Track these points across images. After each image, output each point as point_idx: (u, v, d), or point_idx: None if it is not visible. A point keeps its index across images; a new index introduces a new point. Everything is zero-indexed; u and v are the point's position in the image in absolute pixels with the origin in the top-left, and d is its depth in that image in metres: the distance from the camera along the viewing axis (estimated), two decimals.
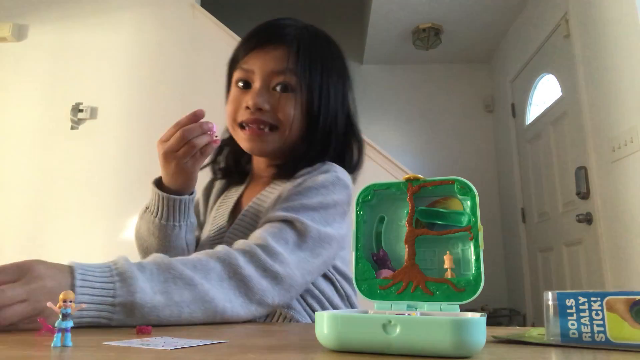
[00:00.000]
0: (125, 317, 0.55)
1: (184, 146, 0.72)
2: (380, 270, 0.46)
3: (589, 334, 0.37)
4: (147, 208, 0.82)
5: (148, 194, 0.84)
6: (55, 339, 0.38)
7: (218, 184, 1.01)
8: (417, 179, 0.46)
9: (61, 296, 0.39)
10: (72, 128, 2.98)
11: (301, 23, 0.91)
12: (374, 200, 0.48)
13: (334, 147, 0.89)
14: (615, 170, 2.33)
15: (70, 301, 0.39)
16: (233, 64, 0.90)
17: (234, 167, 0.98)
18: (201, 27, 3.05)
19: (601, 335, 0.36)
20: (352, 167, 0.92)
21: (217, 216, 0.92)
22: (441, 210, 0.45)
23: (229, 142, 0.96)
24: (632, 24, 2.19)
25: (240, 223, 0.85)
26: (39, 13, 3.17)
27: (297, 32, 0.87)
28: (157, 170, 0.81)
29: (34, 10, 3.18)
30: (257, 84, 0.84)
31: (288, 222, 0.73)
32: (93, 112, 3.01)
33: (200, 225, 0.98)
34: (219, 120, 0.88)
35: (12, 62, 3.11)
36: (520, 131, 3.61)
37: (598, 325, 0.37)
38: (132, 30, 3.11)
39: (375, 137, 3.14)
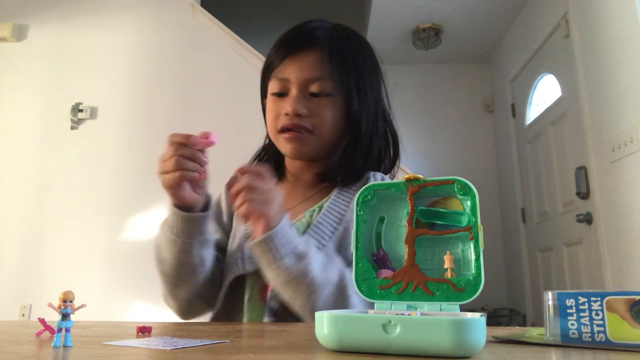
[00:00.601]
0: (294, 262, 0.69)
1: (175, 172, 0.70)
2: (380, 270, 0.46)
3: (589, 334, 0.37)
4: (166, 220, 0.81)
5: (147, 194, 0.84)
6: (55, 339, 0.38)
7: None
8: (417, 179, 0.46)
9: (61, 296, 0.39)
10: (72, 128, 2.98)
11: (329, 23, 0.91)
12: (374, 200, 0.48)
13: (377, 149, 0.91)
14: (615, 170, 2.33)
15: (70, 301, 0.39)
16: (267, 73, 0.90)
17: (273, 163, 0.98)
18: (201, 27, 3.05)
19: (601, 335, 0.36)
20: (390, 166, 0.96)
21: None
22: (441, 210, 0.45)
23: (268, 149, 0.97)
24: (632, 24, 2.19)
25: (316, 231, 0.84)
26: (39, 13, 3.17)
27: (328, 35, 0.88)
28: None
29: (34, 10, 3.18)
30: (293, 92, 0.85)
31: None
32: (93, 112, 3.01)
33: (226, 232, 0.94)
34: (219, 118, 0.88)
35: (12, 62, 3.11)
36: (520, 131, 3.61)
37: (598, 325, 0.37)
38: (132, 30, 3.12)
39: None
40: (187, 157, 0.69)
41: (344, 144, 0.90)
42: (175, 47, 3.06)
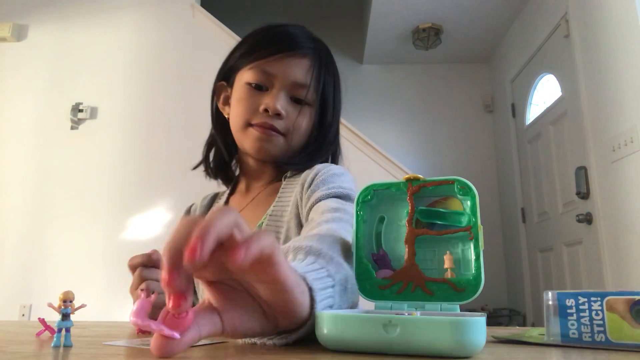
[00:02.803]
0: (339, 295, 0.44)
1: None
2: (381, 270, 0.46)
3: (589, 334, 0.37)
4: None
5: (147, 194, 0.82)
6: (55, 339, 0.38)
7: (199, 207, 0.98)
8: (417, 179, 0.46)
9: (61, 296, 0.39)
10: (72, 128, 2.98)
11: (309, 32, 0.91)
12: (374, 200, 0.48)
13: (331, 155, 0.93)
14: (615, 170, 2.33)
15: (70, 301, 0.39)
16: (245, 59, 0.86)
17: (223, 167, 0.95)
18: (201, 27, 3.05)
19: (601, 335, 0.36)
20: None
21: None
22: (441, 210, 0.45)
23: (218, 140, 0.93)
24: (632, 24, 2.19)
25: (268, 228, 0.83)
26: (39, 13, 3.17)
27: (318, 46, 0.88)
28: (157, 170, 0.80)
29: (34, 10, 3.18)
30: (277, 90, 0.83)
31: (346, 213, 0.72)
32: (93, 112, 3.01)
33: None
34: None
35: (12, 62, 3.11)
36: (520, 131, 3.61)
37: (598, 325, 0.37)
38: (132, 30, 3.12)
39: (375, 137, 3.14)
40: None
41: (307, 148, 0.89)
42: (175, 47, 3.06)
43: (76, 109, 2.98)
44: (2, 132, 3.01)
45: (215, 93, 0.93)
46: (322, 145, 0.90)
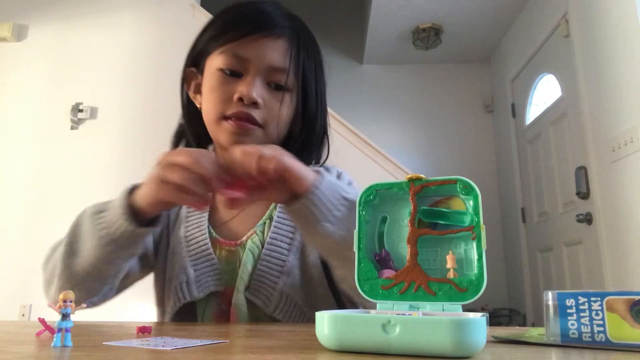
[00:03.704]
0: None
1: (181, 188, 0.57)
2: (383, 270, 0.46)
3: (589, 334, 0.37)
4: (101, 210, 0.67)
5: None
6: (55, 339, 0.38)
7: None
8: (419, 179, 0.46)
9: (61, 296, 0.39)
10: (72, 128, 2.98)
11: (285, 9, 0.81)
12: (377, 200, 0.47)
13: (324, 148, 0.86)
14: (615, 170, 2.33)
15: (70, 301, 0.39)
16: (214, 42, 0.77)
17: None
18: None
19: (601, 335, 0.36)
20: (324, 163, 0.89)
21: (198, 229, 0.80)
22: (444, 210, 0.45)
23: (187, 132, 0.86)
24: (632, 24, 2.19)
25: (273, 248, 0.76)
26: (39, 13, 3.17)
27: (294, 25, 0.79)
28: None
29: (34, 10, 3.18)
30: (251, 76, 0.74)
31: None
32: (93, 112, 3.01)
33: (155, 243, 0.82)
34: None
35: (12, 62, 3.11)
36: (520, 131, 3.61)
37: (598, 325, 0.37)
38: (132, 30, 3.12)
39: (375, 137, 3.14)
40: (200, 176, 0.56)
41: (286, 141, 0.81)
42: (175, 47, 3.05)
43: (76, 109, 2.98)
44: (2, 132, 3.01)
45: (185, 80, 0.84)
46: (309, 138, 0.83)
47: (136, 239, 0.64)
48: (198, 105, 0.82)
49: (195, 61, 0.82)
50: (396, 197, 0.47)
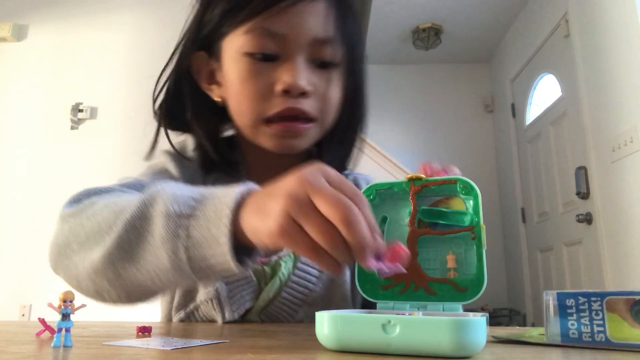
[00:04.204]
0: None
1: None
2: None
3: (589, 334, 0.37)
4: (190, 227, 0.41)
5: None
6: (55, 339, 0.38)
7: (185, 174, 0.69)
8: (419, 179, 0.45)
9: (61, 296, 0.39)
10: (72, 128, 2.98)
11: None
12: (377, 200, 0.47)
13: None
14: (615, 170, 2.33)
15: (70, 301, 0.39)
16: (229, 17, 0.59)
17: (216, 157, 0.67)
18: None
19: (601, 335, 0.36)
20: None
21: None
22: (444, 209, 0.45)
23: (201, 136, 0.67)
24: (632, 24, 2.19)
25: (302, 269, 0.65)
26: (39, 13, 3.17)
27: None
28: None
29: (34, 10, 3.18)
30: (292, 56, 0.57)
31: None
32: (93, 112, 3.01)
33: None
34: None
35: (12, 62, 3.11)
36: (520, 131, 3.61)
37: (598, 325, 0.37)
38: (132, 30, 3.11)
39: (376, 137, 3.14)
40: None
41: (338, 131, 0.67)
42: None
43: (76, 109, 2.98)
44: (2, 132, 3.01)
45: (191, 67, 0.66)
46: (353, 121, 0.67)
47: (229, 274, 0.43)
48: (217, 99, 0.65)
49: (203, 44, 0.65)
50: (396, 197, 0.47)
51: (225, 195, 0.41)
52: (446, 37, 3.76)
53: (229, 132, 0.71)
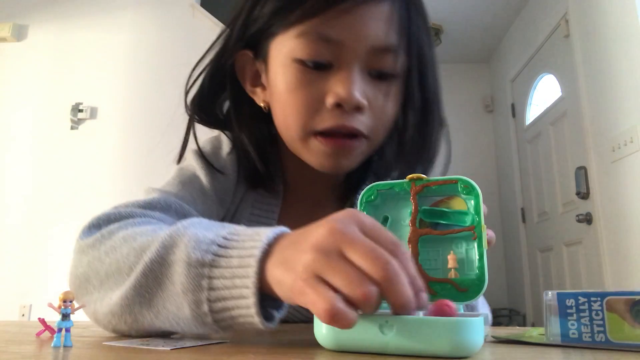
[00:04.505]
0: None
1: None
2: None
3: (589, 334, 0.37)
4: (213, 277, 0.37)
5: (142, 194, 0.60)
6: (55, 339, 0.38)
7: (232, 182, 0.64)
8: (420, 179, 0.45)
9: (61, 296, 0.39)
10: (72, 128, 2.98)
11: None
12: (378, 200, 0.47)
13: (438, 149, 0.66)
14: (615, 170, 2.33)
15: (70, 301, 0.39)
16: (278, 21, 0.54)
17: (265, 173, 0.62)
18: (201, 27, 3.05)
19: (601, 335, 0.36)
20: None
21: None
22: (445, 209, 0.45)
23: (248, 145, 0.62)
24: (632, 24, 2.19)
25: None
26: (39, 13, 3.17)
27: None
28: (157, 171, 0.75)
29: (34, 10, 3.18)
30: (347, 66, 0.52)
31: None
32: (93, 112, 3.01)
33: None
34: None
35: (12, 62, 3.11)
36: (520, 131, 3.61)
37: (598, 325, 0.36)
38: (132, 30, 3.11)
39: None
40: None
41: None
42: (175, 47, 3.06)
43: (76, 109, 2.98)
44: (2, 132, 3.01)
45: (234, 66, 0.60)
46: (425, 138, 0.60)
47: (254, 328, 0.38)
48: (262, 104, 0.60)
49: (250, 42, 0.58)
50: (397, 197, 0.47)
51: (251, 240, 0.38)
52: (446, 37, 3.76)
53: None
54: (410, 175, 0.46)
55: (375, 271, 0.31)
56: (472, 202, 0.44)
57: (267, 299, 0.37)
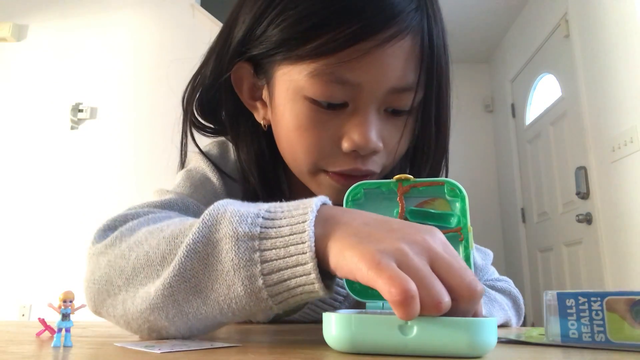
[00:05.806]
0: None
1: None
2: None
3: (589, 334, 0.37)
4: (266, 252, 0.36)
5: (147, 194, 0.58)
6: (55, 339, 0.38)
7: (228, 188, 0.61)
8: (407, 179, 0.45)
9: (61, 296, 0.39)
10: (72, 128, 2.98)
11: None
12: (363, 199, 0.47)
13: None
14: (615, 170, 2.33)
15: (71, 301, 0.39)
16: (287, 49, 0.48)
17: (257, 181, 0.59)
18: (201, 27, 3.05)
19: (601, 335, 0.36)
20: None
21: None
22: (431, 210, 0.45)
23: (242, 143, 0.60)
24: (632, 24, 2.19)
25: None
26: (39, 13, 3.17)
27: (416, 5, 0.49)
28: (158, 171, 0.75)
29: (34, 10, 3.18)
30: (364, 107, 0.49)
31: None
32: (93, 112, 3.01)
33: None
34: None
35: (12, 62, 3.11)
36: (520, 131, 3.61)
37: (598, 325, 0.37)
38: (132, 30, 3.12)
39: None
40: None
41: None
42: (175, 47, 3.06)
43: (76, 109, 2.98)
44: (1, 132, 3.01)
45: (230, 78, 0.56)
46: (437, 156, 0.58)
47: (312, 298, 0.38)
48: (261, 121, 0.57)
49: (250, 57, 0.54)
50: (383, 196, 0.47)
51: (297, 209, 0.37)
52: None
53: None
54: (397, 176, 0.46)
55: (459, 290, 0.32)
56: (458, 204, 0.44)
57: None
